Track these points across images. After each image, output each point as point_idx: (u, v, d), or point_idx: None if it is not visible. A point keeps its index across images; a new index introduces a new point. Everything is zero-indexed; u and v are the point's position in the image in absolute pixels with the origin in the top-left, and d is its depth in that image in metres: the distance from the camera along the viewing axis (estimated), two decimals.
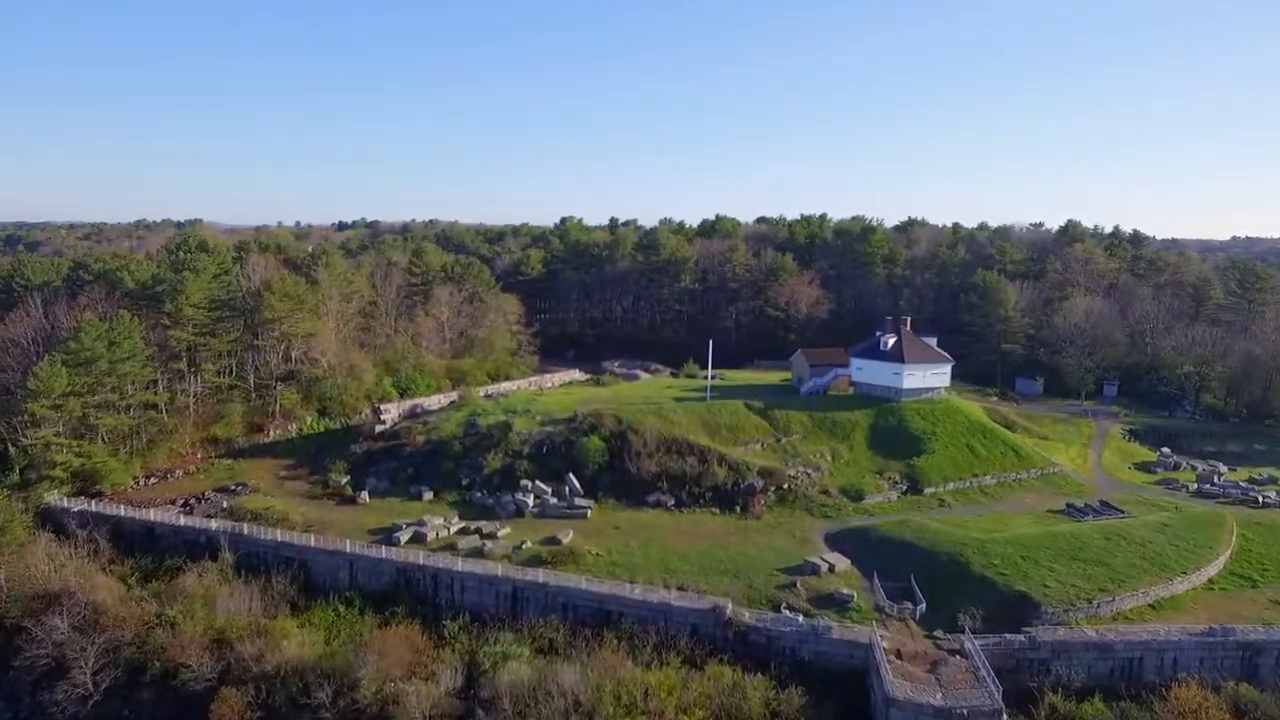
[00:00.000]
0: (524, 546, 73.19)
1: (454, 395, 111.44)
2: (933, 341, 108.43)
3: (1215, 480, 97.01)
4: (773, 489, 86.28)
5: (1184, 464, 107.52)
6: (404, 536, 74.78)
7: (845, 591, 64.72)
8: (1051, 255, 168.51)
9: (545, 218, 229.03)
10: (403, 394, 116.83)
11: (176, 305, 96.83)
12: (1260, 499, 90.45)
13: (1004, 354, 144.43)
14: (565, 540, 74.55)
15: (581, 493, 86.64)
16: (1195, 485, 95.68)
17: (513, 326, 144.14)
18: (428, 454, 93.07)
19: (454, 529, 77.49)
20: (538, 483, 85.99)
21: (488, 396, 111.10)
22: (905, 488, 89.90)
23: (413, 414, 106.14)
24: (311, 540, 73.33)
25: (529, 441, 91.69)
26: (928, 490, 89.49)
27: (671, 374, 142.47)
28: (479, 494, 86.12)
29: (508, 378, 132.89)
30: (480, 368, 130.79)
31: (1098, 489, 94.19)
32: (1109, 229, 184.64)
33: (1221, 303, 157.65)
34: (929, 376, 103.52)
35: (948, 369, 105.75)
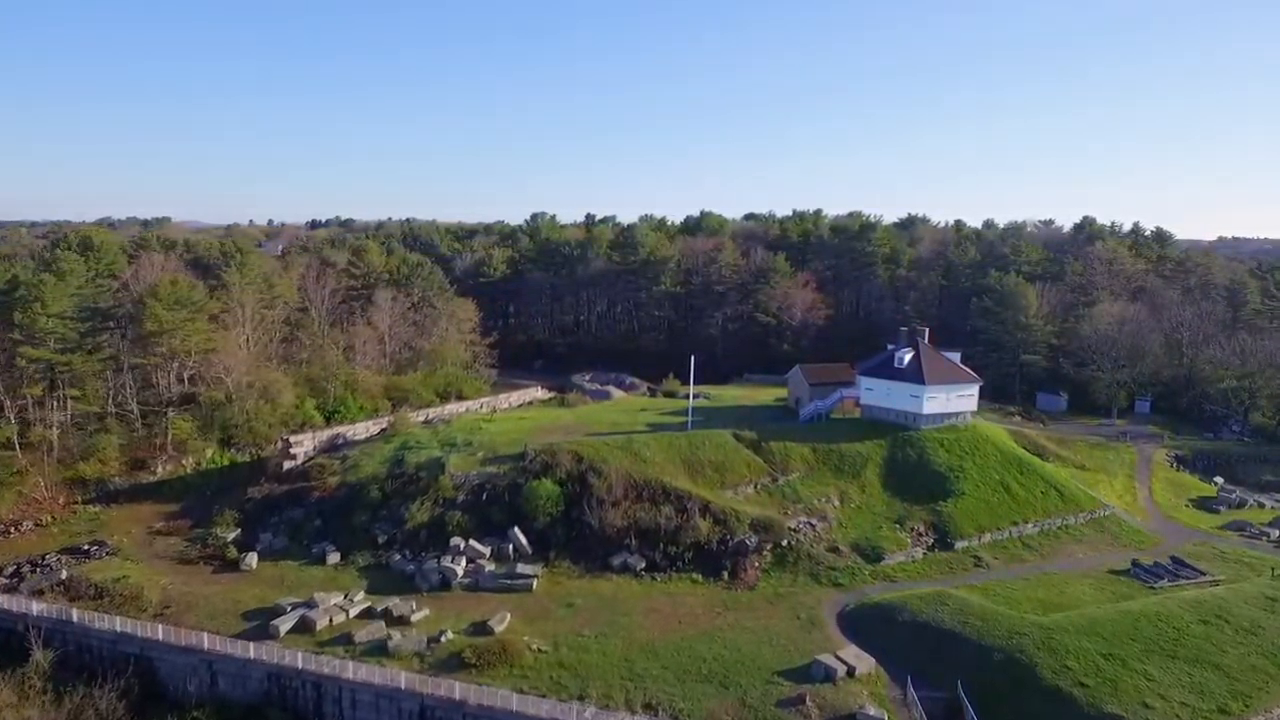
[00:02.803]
0: (444, 639, 55.31)
1: (388, 421, 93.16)
2: (956, 357, 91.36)
3: None
4: (769, 547, 68.82)
5: (1250, 500, 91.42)
6: (285, 624, 56.69)
7: (873, 713, 47.36)
8: (1070, 255, 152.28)
9: (524, 216, 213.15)
10: (329, 419, 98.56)
11: (29, 316, 78.09)
12: None
13: (1023, 366, 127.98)
14: (500, 628, 56.78)
15: (529, 551, 68.92)
16: (1278, 533, 79.20)
17: (467, 335, 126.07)
18: (340, 501, 74.96)
19: (355, 610, 59.41)
20: (472, 542, 68.06)
21: (426, 423, 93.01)
22: (931, 541, 72.75)
23: (333, 446, 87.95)
24: (161, 632, 55.12)
25: (465, 486, 73.73)
26: (959, 544, 72.39)
27: (649, 389, 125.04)
28: (398, 556, 68.07)
29: (460, 395, 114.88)
30: (426, 385, 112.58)
31: (1162, 538, 77.57)
32: (1127, 226, 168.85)
33: (1259, 308, 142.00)
34: (953, 400, 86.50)
35: (974, 390, 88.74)
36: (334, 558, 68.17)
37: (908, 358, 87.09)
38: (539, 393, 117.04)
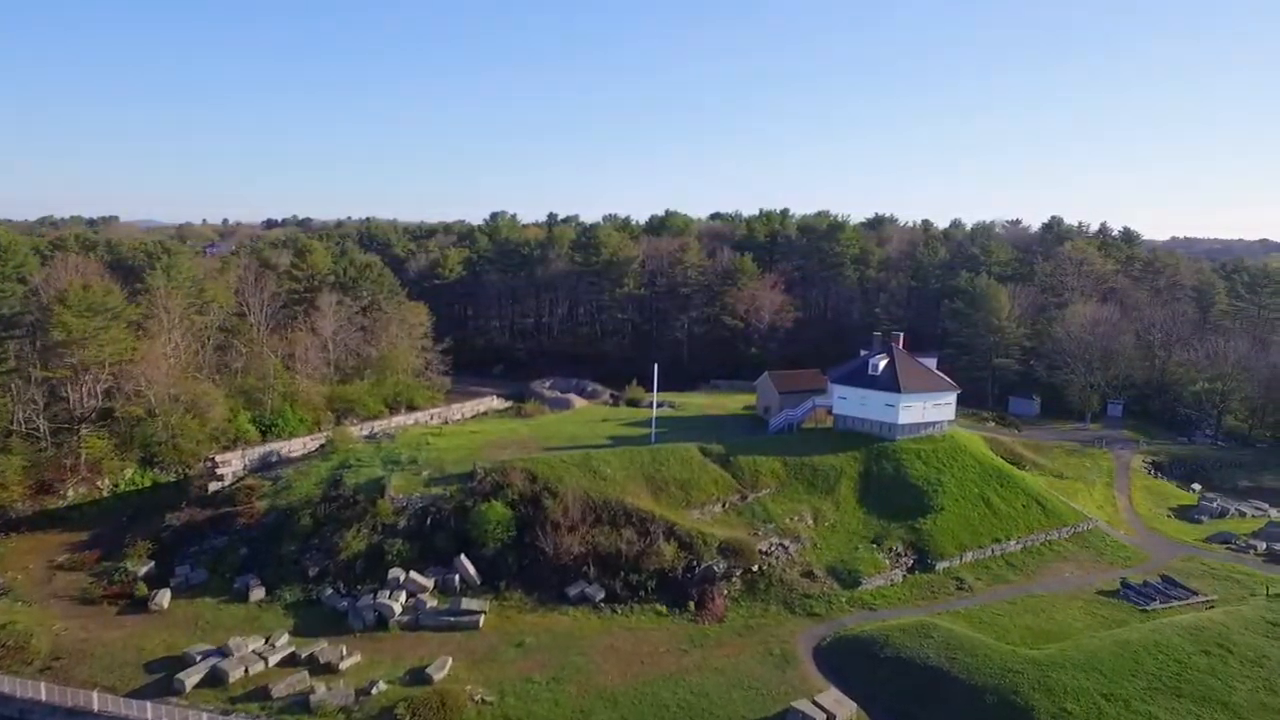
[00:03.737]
0: (375, 690, 48.97)
1: (327, 436, 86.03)
2: (932, 363, 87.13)
3: None
4: (738, 573, 63.53)
5: (1231, 509, 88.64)
6: (192, 678, 49.81)
7: None
8: (1039, 256, 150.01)
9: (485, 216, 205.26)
10: (266, 433, 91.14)
11: None
12: None
13: (996, 370, 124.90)
14: (440, 675, 50.59)
15: (477, 582, 62.74)
16: (1264, 545, 76.15)
17: (419, 341, 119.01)
18: (268, 528, 67.88)
19: (277, 657, 52.69)
20: (413, 574, 61.61)
21: (369, 437, 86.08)
22: (911, 562, 68.13)
23: (265, 464, 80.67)
24: (44, 690, 47.93)
25: (408, 510, 67.18)
26: (940, 565, 67.86)
27: (611, 397, 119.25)
28: (330, 590, 61.35)
29: (411, 405, 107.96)
30: (374, 394, 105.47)
31: (1148, 554, 73.98)
32: (1095, 226, 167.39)
33: (1226, 309, 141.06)
34: (930, 409, 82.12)
35: (952, 398, 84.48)
36: (258, 593, 61.21)
37: (882, 364, 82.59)
38: (495, 402, 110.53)
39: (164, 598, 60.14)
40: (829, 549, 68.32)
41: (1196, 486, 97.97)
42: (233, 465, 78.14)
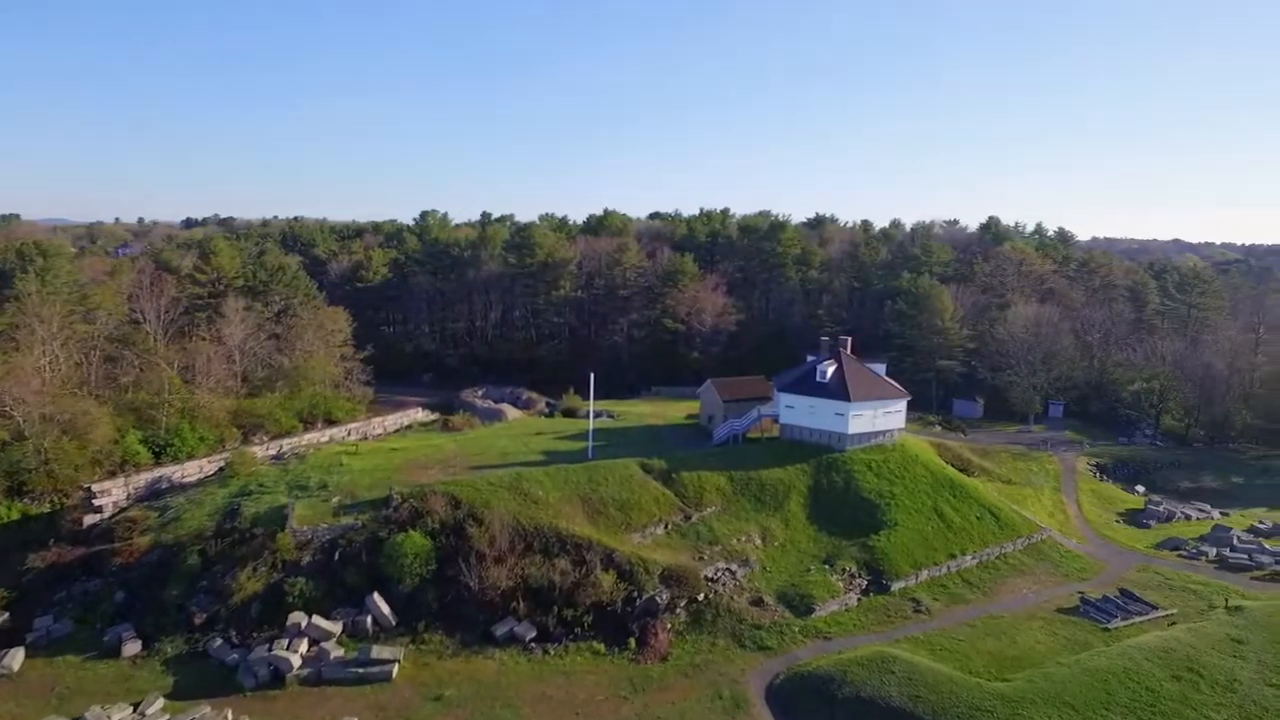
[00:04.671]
0: None
1: (226, 458, 77.44)
2: (880, 369, 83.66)
3: (1235, 544, 76.45)
4: (683, 603, 58.25)
5: (1177, 513, 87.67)
6: None
7: None
8: (978, 256, 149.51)
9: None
10: (159, 455, 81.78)
11: None
12: None
13: (940, 372, 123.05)
14: None
15: (392, 623, 55.95)
16: (1214, 551, 74.71)
17: (339, 349, 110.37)
18: (150, 568, 59.57)
19: None
20: (316, 619, 54.39)
21: (276, 458, 77.99)
22: (866, 583, 63.97)
23: (153, 492, 71.89)
24: None
25: (313, 544, 59.79)
26: (895, 585, 63.87)
27: (548, 405, 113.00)
28: (219, 641, 53.65)
29: (329, 419, 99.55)
30: (286, 408, 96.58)
31: (1102, 564, 71.67)
32: (1031, 226, 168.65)
33: (1159, 308, 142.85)
34: (880, 417, 78.50)
35: (903, 406, 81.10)
36: (133, 647, 53.10)
37: (830, 371, 78.61)
38: (420, 415, 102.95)
39: (15, 658, 51.48)
40: (779, 572, 63.68)
41: (1140, 489, 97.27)
42: (113, 495, 69.17)
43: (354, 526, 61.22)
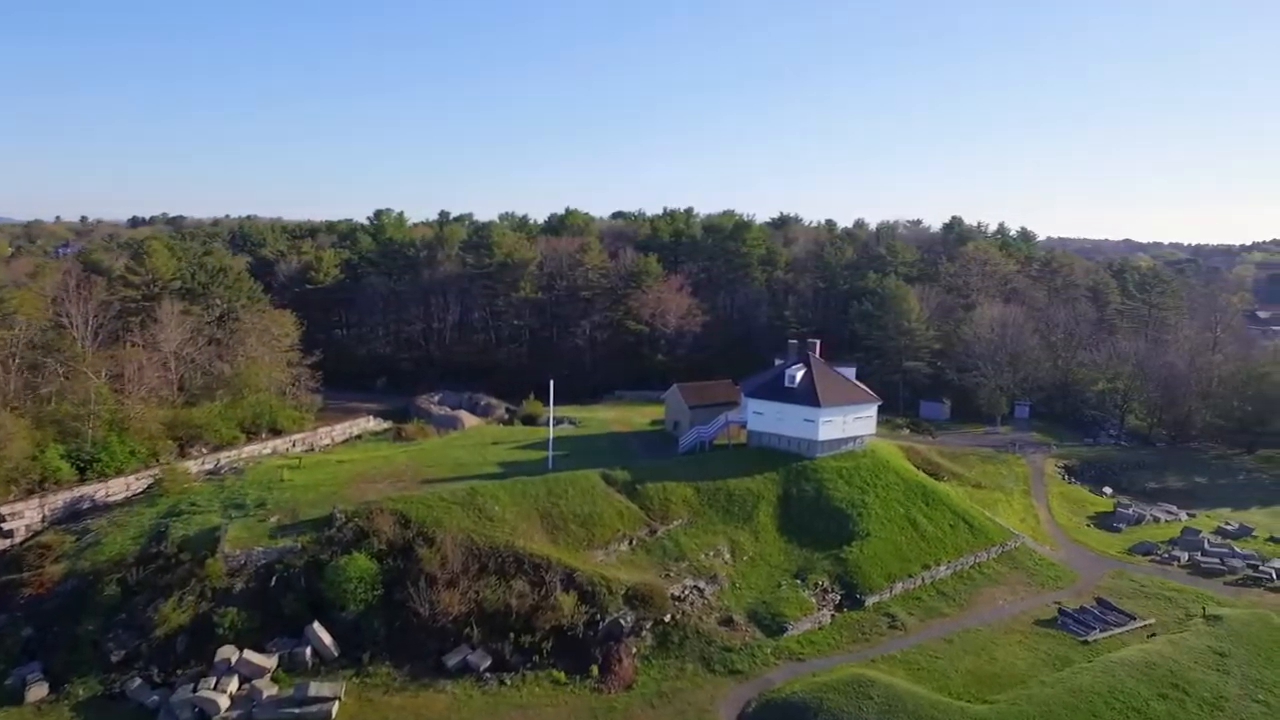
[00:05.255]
0: None
1: (155, 474, 71.98)
2: (850, 373, 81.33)
3: (1206, 547, 75.58)
4: (649, 625, 54.89)
5: (1146, 515, 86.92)
6: None
7: None
8: (943, 256, 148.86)
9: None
10: (84, 471, 75.84)
11: None
12: (1275, 574, 69.37)
13: (906, 373, 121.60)
14: None
15: (334, 655, 51.67)
16: (1186, 556, 73.68)
17: (285, 354, 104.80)
18: (63, 600, 54.30)
19: None
20: (249, 654, 49.85)
21: (212, 473, 72.88)
22: (839, 598, 61.32)
23: (73, 514, 66.33)
24: None
25: (246, 569, 55.11)
26: (870, 600, 61.35)
27: (507, 412, 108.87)
28: (138, 681, 48.79)
29: (274, 428, 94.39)
30: (227, 418, 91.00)
31: (1076, 572, 70.03)
32: (993, 226, 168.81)
33: (1120, 308, 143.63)
34: (850, 423, 76.07)
35: (873, 411, 78.86)
36: (39, 690, 48.01)
37: (799, 376, 75.91)
38: (370, 423, 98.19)
39: None
40: (749, 588, 60.68)
41: (1108, 490, 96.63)
42: (26, 517, 63.52)
43: (293, 549, 56.63)
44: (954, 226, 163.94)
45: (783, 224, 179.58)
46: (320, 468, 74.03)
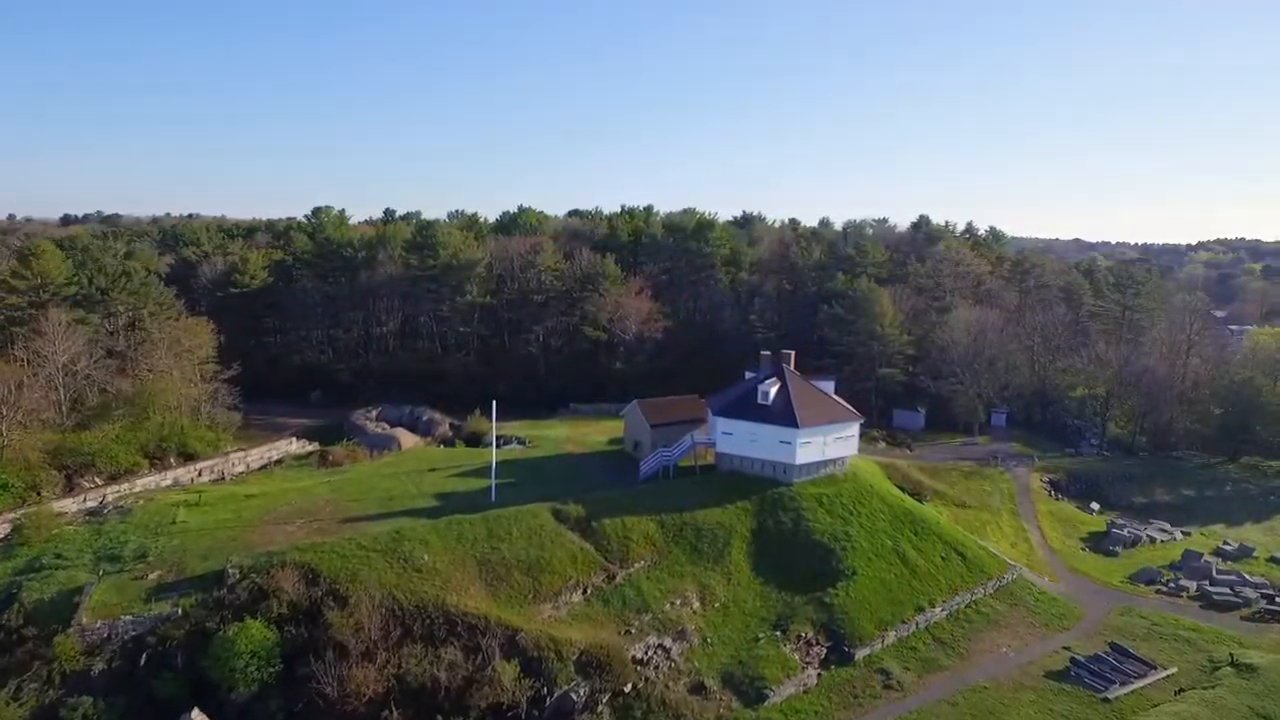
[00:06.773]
0: None
1: (15, 519, 60.65)
2: (829, 386, 73.61)
3: (1214, 574, 69.63)
4: (605, 699, 46.20)
5: (1141, 536, 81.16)
6: None
7: None
8: (912, 256, 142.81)
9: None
10: None
11: None
12: None
13: (880, 380, 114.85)
14: None
15: None
16: (1195, 586, 67.58)
17: (200, 367, 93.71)
18: None
19: None
20: None
21: (91, 515, 61.93)
22: (825, 652, 53.43)
23: None
24: None
25: (109, 645, 44.92)
26: (860, 653, 53.59)
27: (452, 427, 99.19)
28: None
29: (185, 453, 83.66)
30: (126, 443, 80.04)
31: (1081, 608, 63.42)
32: (961, 225, 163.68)
33: (1095, 310, 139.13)
34: (831, 444, 68.36)
35: (855, 429, 71.31)
36: None
37: (774, 392, 67.92)
38: (293, 445, 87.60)
39: None
40: (723, 645, 52.36)
41: (1096, 506, 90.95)
42: None
43: (172, 616, 46.60)
44: (922, 225, 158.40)
45: (747, 223, 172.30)
46: (223, 504, 63.61)
